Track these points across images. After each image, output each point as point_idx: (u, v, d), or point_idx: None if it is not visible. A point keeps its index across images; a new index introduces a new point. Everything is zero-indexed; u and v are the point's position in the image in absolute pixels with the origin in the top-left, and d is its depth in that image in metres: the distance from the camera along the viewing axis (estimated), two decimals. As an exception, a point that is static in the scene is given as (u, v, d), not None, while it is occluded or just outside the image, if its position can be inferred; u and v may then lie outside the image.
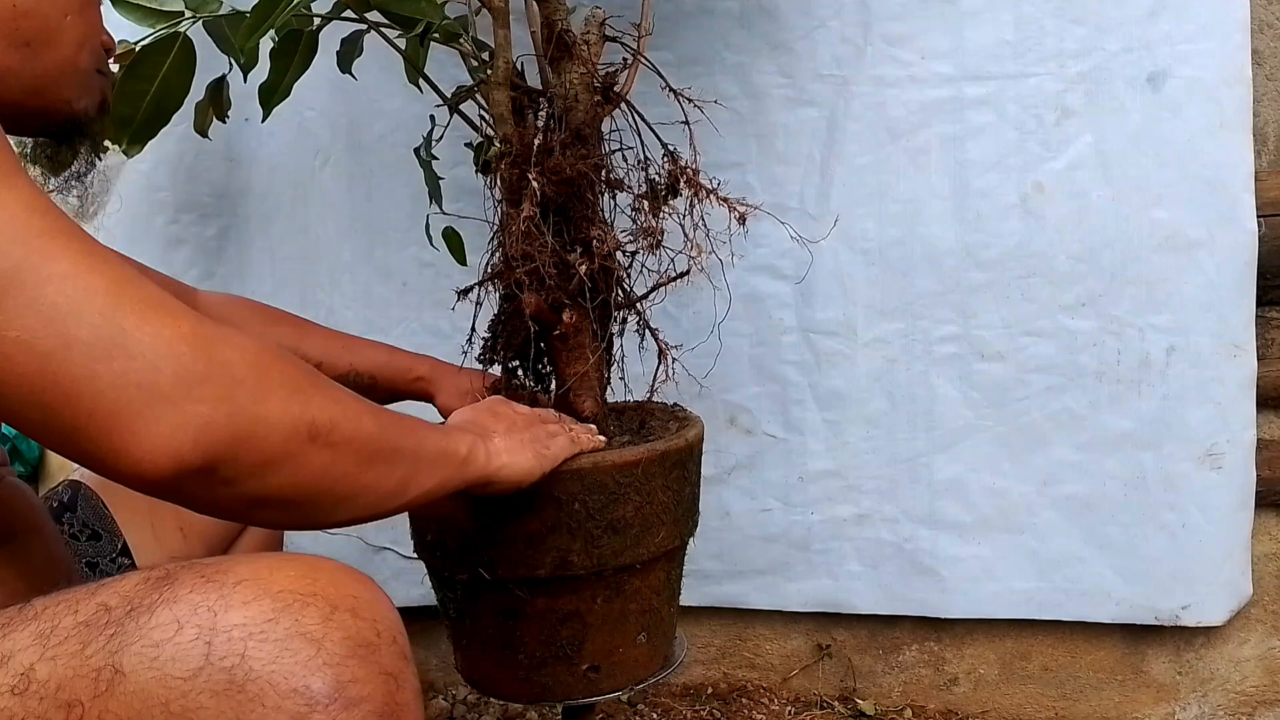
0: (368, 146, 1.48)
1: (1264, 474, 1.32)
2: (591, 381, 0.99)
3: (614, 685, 0.96)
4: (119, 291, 0.56)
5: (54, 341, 0.54)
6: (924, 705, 1.47)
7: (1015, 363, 1.35)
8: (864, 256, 1.38)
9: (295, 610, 0.52)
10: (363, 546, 1.54)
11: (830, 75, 1.38)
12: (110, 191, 1.53)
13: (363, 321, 1.49)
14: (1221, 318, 1.29)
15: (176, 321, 0.57)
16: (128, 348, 0.55)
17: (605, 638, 0.94)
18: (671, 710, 1.48)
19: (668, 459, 0.94)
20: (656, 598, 0.96)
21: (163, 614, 0.51)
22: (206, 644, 0.50)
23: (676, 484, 0.95)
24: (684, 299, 1.39)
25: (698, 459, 1.01)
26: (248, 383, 0.58)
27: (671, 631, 1.02)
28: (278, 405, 0.60)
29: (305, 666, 0.51)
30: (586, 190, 0.95)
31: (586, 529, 0.90)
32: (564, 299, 0.95)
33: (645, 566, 0.94)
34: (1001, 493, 1.37)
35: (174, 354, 0.56)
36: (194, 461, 0.56)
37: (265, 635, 0.51)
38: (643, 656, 0.97)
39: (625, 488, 0.91)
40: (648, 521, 0.92)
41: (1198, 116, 1.27)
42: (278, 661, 0.50)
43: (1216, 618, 1.33)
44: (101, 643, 0.51)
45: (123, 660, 0.50)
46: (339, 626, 0.52)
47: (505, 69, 0.92)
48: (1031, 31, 1.32)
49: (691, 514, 1.00)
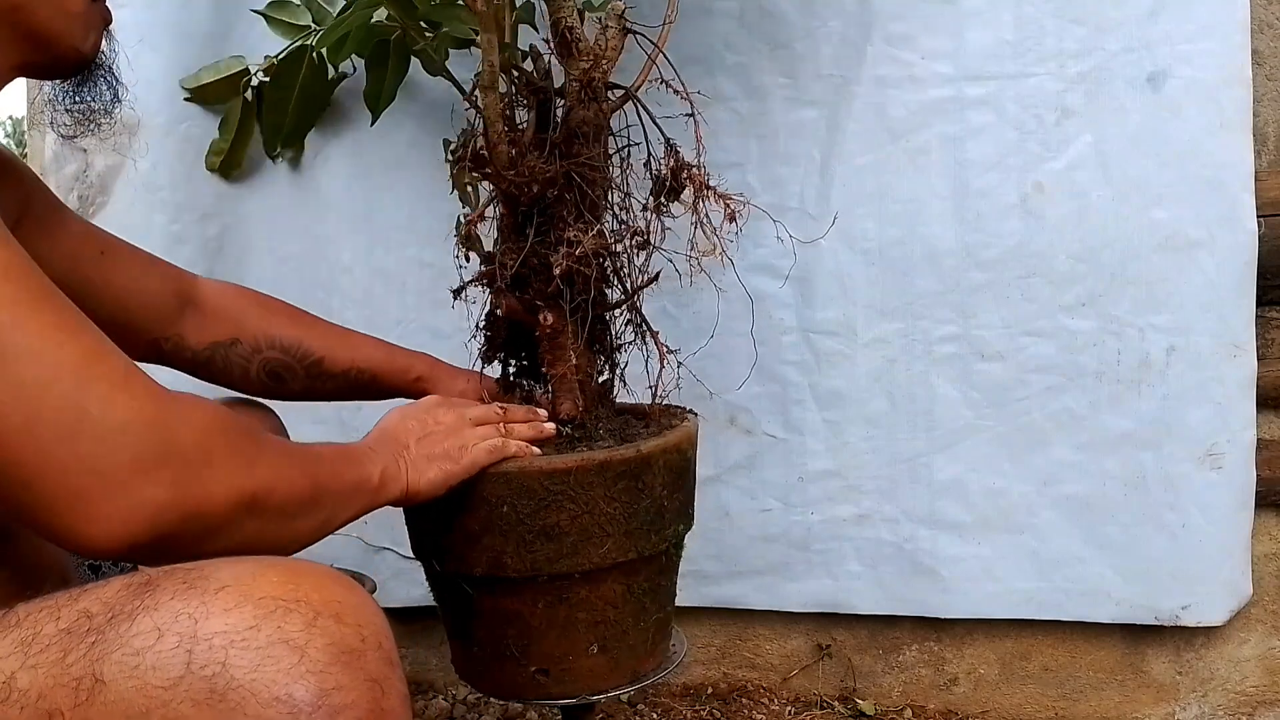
0: (367, 146, 1.48)
1: (1264, 474, 1.32)
2: (571, 383, 0.98)
3: (566, 691, 0.95)
4: (85, 369, 0.58)
5: (19, 419, 0.55)
6: (924, 705, 1.47)
7: (1015, 363, 1.35)
8: (864, 256, 1.38)
9: (278, 617, 0.52)
10: (363, 546, 1.54)
11: (830, 75, 1.38)
12: (110, 191, 1.53)
13: (363, 321, 1.49)
14: (1221, 318, 1.29)
15: (139, 403, 0.59)
16: (89, 431, 0.57)
17: (552, 643, 0.94)
18: (671, 710, 1.48)
19: (609, 469, 0.91)
20: (613, 610, 0.94)
21: (144, 621, 0.51)
22: (187, 652, 0.50)
23: (625, 495, 0.92)
24: (684, 299, 1.39)
25: (667, 470, 0.96)
26: (198, 463, 0.62)
27: (645, 648, 0.99)
28: (223, 481, 0.64)
29: (287, 674, 0.50)
30: (565, 191, 0.95)
31: (519, 533, 0.90)
32: (538, 301, 0.95)
33: (590, 577, 0.92)
34: (1001, 493, 1.37)
35: (133, 439, 0.58)
36: (144, 540, 0.59)
37: (247, 643, 0.50)
38: (599, 668, 0.95)
39: (557, 495, 0.90)
40: (587, 531, 0.90)
41: (1198, 116, 1.27)
42: (259, 670, 0.50)
43: (1216, 618, 1.33)
44: (82, 651, 0.51)
45: (103, 669, 0.50)
46: (322, 633, 0.52)
47: (491, 72, 0.93)
48: (1031, 31, 1.32)
49: (656, 528, 0.95)
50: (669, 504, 0.96)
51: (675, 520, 0.98)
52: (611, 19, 0.96)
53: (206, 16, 1.47)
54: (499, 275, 0.96)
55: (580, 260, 0.92)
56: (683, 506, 1.00)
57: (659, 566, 0.98)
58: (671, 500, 0.97)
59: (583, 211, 0.94)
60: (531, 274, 0.94)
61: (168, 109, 1.49)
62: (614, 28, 0.96)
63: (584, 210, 0.94)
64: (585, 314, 0.95)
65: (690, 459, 1.01)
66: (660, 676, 1.01)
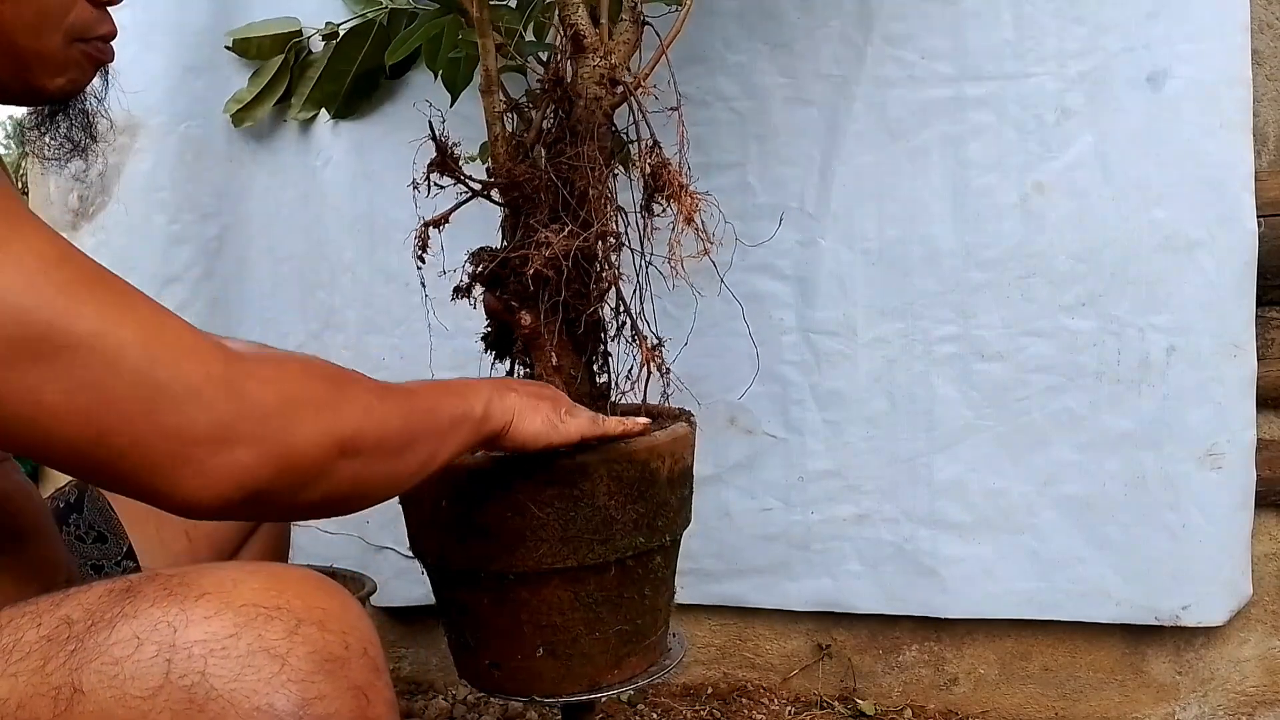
0: (369, 146, 1.48)
1: (1264, 474, 1.32)
2: (556, 382, 0.98)
3: (516, 689, 0.96)
4: (149, 341, 0.58)
5: (93, 401, 0.56)
6: (924, 705, 1.47)
7: (1015, 363, 1.35)
8: (864, 256, 1.38)
9: (259, 625, 0.51)
10: (364, 546, 1.54)
11: (830, 75, 1.38)
12: (111, 191, 1.53)
13: (364, 321, 1.49)
14: (1221, 318, 1.29)
15: (207, 367, 0.59)
16: (164, 402, 0.57)
17: (500, 641, 0.94)
18: (671, 710, 1.48)
19: (537, 475, 0.89)
20: (560, 617, 0.93)
21: (123, 629, 0.50)
22: (166, 661, 0.49)
23: (560, 502, 0.90)
24: (684, 299, 1.38)
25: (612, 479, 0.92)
26: (278, 416, 0.61)
27: (605, 659, 0.96)
28: (308, 430, 0.62)
29: (268, 684, 0.49)
30: (539, 192, 0.95)
31: (456, 528, 0.91)
32: (513, 301, 0.95)
33: (528, 579, 0.91)
34: (1001, 493, 1.37)
35: (206, 403, 0.58)
36: (236, 497, 0.59)
37: (226, 651, 0.50)
38: (549, 672, 0.94)
39: (481, 495, 0.89)
40: (518, 533, 0.89)
41: (1198, 116, 1.27)
42: (239, 679, 0.49)
43: (1216, 618, 1.33)
44: (62, 659, 0.50)
45: (82, 678, 0.49)
46: (304, 640, 0.51)
47: (487, 76, 0.94)
48: (1031, 31, 1.32)
49: (602, 538, 0.92)
50: (620, 515, 0.93)
51: (631, 532, 0.94)
52: (626, 11, 0.96)
53: (206, 16, 1.48)
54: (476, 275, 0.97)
55: (549, 262, 0.91)
56: (641, 519, 0.95)
57: (618, 578, 0.95)
58: (624, 511, 0.93)
59: (559, 212, 0.94)
60: (512, 274, 0.95)
61: (168, 109, 1.49)
62: (628, 20, 0.96)
63: (560, 211, 0.94)
64: (565, 315, 0.95)
65: (653, 470, 0.96)
66: (625, 689, 0.99)
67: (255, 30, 1.45)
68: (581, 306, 0.96)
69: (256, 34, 1.44)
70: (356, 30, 1.37)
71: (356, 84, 1.42)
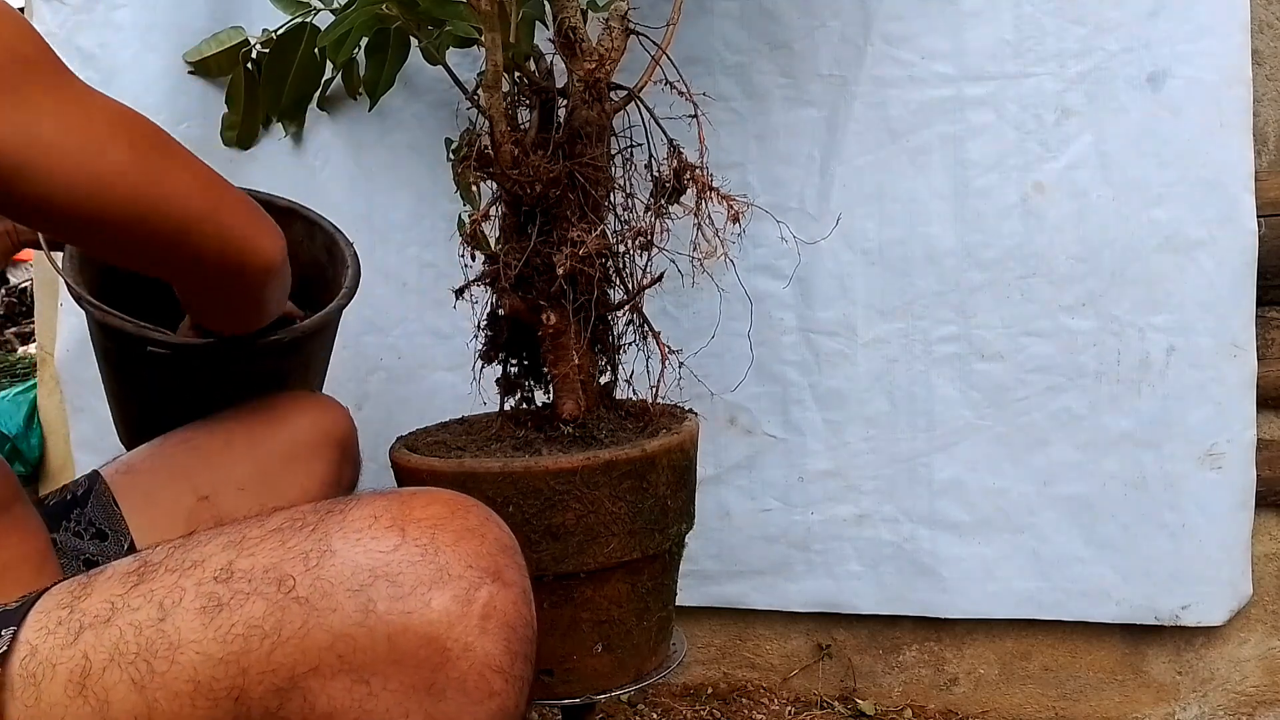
0: (369, 146, 1.48)
1: (1264, 474, 1.32)
2: (574, 383, 0.98)
3: (570, 692, 0.96)
4: (215, 185, 0.82)
5: (209, 192, 0.79)
6: (924, 705, 1.47)
7: (1015, 363, 1.35)
8: (864, 256, 1.38)
9: (461, 513, 0.65)
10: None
11: (830, 75, 1.38)
12: (110, 191, 1.53)
13: (362, 322, 1.49)
14: (1221, 318, 1.29)
15: (235, 191, 0.84)
16: (228, 205, 0.82)
17: (556, 642, 0.94)
18: (671, 710, 1.48)
19: (614, 468, 0.92)
20: (618, 609, 0.95)
21: (357, 512, 0.63)
22: (401, 529, 0.62)
23: (630, 494, 0.93)
24: (684, 299, 1.39)
25: (670, 469, 0.97)
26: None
27: (648, 647, 1.00)
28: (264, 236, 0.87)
29: (475, 553, 0.63)
30: (568, 191, 0.95)
31: (524, 533, 0.90)
32: (541, 301, 0.95)
33: (595, 576, 0.93)
34: (1001, 493, 1.37)
35: (242, 204, 0.84)
36: (279, 258, 0.86)
37: (445, 525, 0.63)
38: (603, 668, 0.95)
39: (562, 495, 0.90)
40: (592, 530, 0.91)
41: (1198, 116, 1.28)
42: (458, 545, 0.63)
43: (1216, 618, 1.33)
44: (304, 535, 0.62)
45: (331, 542, 0.62)
46: (493, 528, 0.66)
47: (495, 71, 0.93)
48: (1031, 31, 1.32)
49: (660, 527, 0.96)
50: (672, 503, 0.97)
51: (678, 519, 0.99)
52: (615, 19, 0.96)
53: (206, 16, 1.47)
54: (503, 275, 0.96)
55: (584, 260, 0.92)
56: (684, 506, 1.00)
57: (662, 565, 0.99)
58: (675, 499, 0.97)
59: (586, 212, 0.94)
60: (535, 274, 0.95)
61: (168, 109, 1.48)
62: (617, 28, 0.96)
63: (587, 210, 0.94)
64: (588, 314, 0.96)
65: (692, 459, 1.01)
66: (662, 676, 1.01)
67: (209, 48, 1.43)
68: (604, 307, 0.97)
69: (211, 51, 1.43)
70: (290, 34, 1.33)
71: (298, 88, 1.39)
